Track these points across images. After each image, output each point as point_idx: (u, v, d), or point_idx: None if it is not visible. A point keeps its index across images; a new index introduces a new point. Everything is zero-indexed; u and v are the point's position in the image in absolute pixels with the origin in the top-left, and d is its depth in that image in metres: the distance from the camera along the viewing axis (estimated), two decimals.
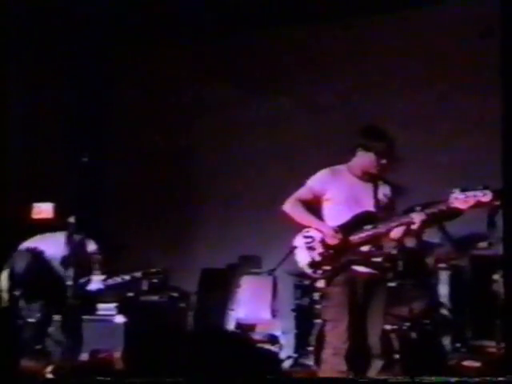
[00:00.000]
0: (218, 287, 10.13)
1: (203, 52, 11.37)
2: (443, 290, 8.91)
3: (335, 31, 10.73)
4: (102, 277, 8.42)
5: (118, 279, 8.45)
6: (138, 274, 8.45)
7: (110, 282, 8.44)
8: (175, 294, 9.14)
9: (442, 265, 8.99)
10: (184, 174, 11.07)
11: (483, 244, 8.56)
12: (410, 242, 8.68)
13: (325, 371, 7.22)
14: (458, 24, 10.03)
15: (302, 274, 7.65)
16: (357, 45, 10.70)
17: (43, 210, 9.58)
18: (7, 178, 9.69)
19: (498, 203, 7.64)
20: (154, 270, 8.54)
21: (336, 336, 7.19)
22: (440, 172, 9.08)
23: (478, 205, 7.00)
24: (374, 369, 7.29)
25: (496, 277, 8.58)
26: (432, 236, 8.82)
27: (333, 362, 7.15)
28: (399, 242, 7.88)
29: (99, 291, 8.41)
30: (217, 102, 11.15)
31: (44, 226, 9.18)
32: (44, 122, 11.05)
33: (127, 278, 8.42)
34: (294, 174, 7.64)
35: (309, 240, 7.33)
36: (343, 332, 7.14)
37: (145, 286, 8.68)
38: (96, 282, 8.43)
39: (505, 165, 8.54)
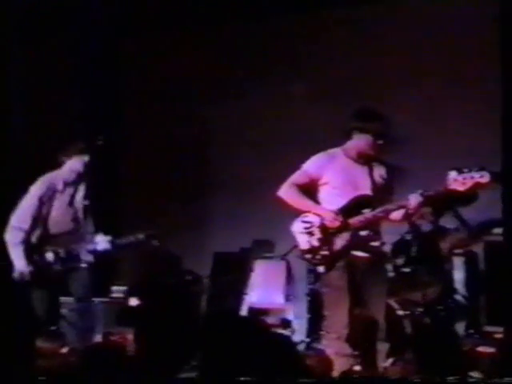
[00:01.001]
0: (232, 271, 10.22)
1: (215, 39, 11.45)
2: (457, 276, 8.97)
3: (342, 18, 10.81)
4: (108, 237, 8.45)
5: (124, 240, 8.47)
6: (142, 236, 8.43)
7: (118, 242, 8.46)
8: (189, 278, 9.25)
9: (456, 250, 9.05)
10: (199, 160, 11.15)
11: (498, 230, 8.63)
12: (425, 227, 8.75)
13: (330, 355, 7.31)
14: (461, 14, 10.08)
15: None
16: (363, 33, 10.77)
17: None
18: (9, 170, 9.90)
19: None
20: (155, 231, 8.56)
21: (338, 320, 7.30)
22: (444, 157, 9.11)
23: (477, 186, 7.07)
24: (380, 352, 7.42)
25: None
26: (447, 221, 8.85)
27: (336, 346, 7.28)
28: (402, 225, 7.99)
29: (106, 251, 8.42)
30: (230, 90, 11.21)
31: None
32: (58, 106, 11.13)
33: (132, 239, 8.43)
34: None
35: (307, 225, 7.41)
36: (344, 316, 7.26)
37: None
38: (103, 242, 8.44)
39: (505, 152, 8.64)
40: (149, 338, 6.85)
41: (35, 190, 8.39)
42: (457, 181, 7.07)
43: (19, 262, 8.21)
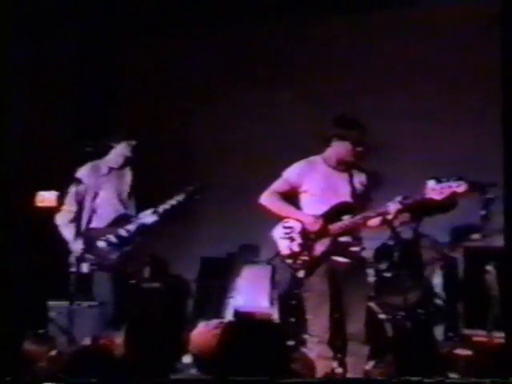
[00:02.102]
0: (218, 275, 10.29)
1: (208, 41, 11.50)
2: (437, 281, 9.10)
3: (335, 24, 10.87)
4: (149, 210, 8.62)
5: (166, 206, 8.61)
6: (182, 196, 8.60)
7: (160, 209, 8.59)
8: (174, 281, 9.39)
9: (436, 256, 9.20)
10: (186, 167, 11.15)
11: (476, 236, 8.75)
12: (407, 234, 8.85)
13: (312, 358, 7.49)
14: (460, 19, 10.14)
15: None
16: (357, 38, 10.83)
17: (46, 198, 9.75)
18: (10, 167, 9.81)
19: (490, 196, 7.94)
20: (192, 187, 8.69)
21: (319, 325, 7.48)
22: (424, 165, 9.24)
23: (453, 195, 7.26)
24: (359, 355, 7.61)
25: (489, 268, 8.69)
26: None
27: (318, 350, 7.46)
28: (381, 231, 8.08)
29: (155, 222, 8.62)
30: (219, 92, 11.28)
31: (46, 214, 9.25)
32: (47, 111, 11.07)
33: (173, 201, 8.59)
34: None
35: (288, 230, 7.57)
36: (325, 320, 7.41)
37: None
38: (147, 216, 8.63)
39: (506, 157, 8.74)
40: (136, 340, 6.98)
41: (81, 174, 8.70)
42: (434, 190, 7.24)
43: (72, 241, 8.54)
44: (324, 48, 10.92)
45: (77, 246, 8.47)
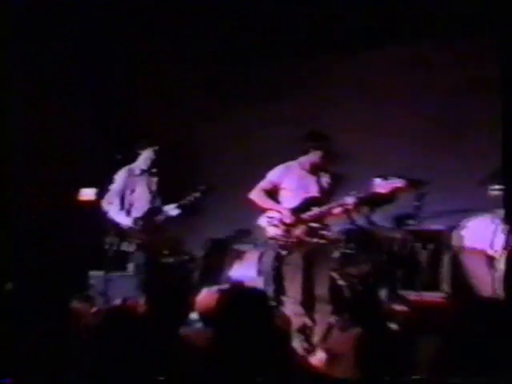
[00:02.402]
0: (219, 252, 10.27)
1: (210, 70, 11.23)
2: (383, 256, 9.12)
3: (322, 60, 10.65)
4: (173, 205, 8.77)
5: (184, 201, 8.79)
6: (197, 194, 8.76)
7: (181, 204, 8.77)
8: (186, 257, 9.42)
9: (382, 236, 9.20)
10: (194, 168, 11.02)
11: (412, 221, 8.73)
12: (360, 220, 8.82)
13: (289, 315, 7.55)
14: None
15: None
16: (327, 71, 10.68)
17: (87, 193, 9.78)
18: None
19: (421, 191, 7.99)
20: (205, 187, 8.84)
21: (294, 290, 7.61)
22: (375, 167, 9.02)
23: (396, 190, 7.40)
24: (324, 312, 7.71)
25: (420, 244, 8.97)
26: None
27: (293, 308, 7.59)
28: (342, 219, 8.15)
29: (178, 215, 8.79)
30: (221, 111, 11.12)
31: (87, 207, 9.46)
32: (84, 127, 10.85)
33: (191, 198, 8.76)
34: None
35: (271, 219, 7.69)
36: (299, 286, 7.56)
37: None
38: (172, 209, 8.79)
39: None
40: (155, 302, 7.00)
41: (119, 176, 8.84)
42: (380, 186, 7.39)
43: (123, 220, 8.74)
44: (312, 80, 10.77)
45: (128, 222, 8.69)
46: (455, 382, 3.38)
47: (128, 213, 8.80)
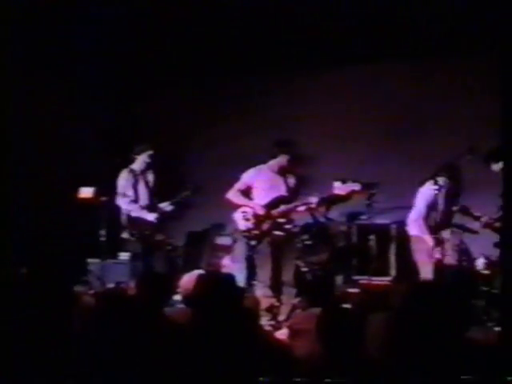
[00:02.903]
0: (198, 243, 10.26)
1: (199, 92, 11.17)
2: (339, 245, 9.14)
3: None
4: (167, 202, 8.72)
5: (176, 199, 8.75)
6: (188, 193, 8.76)
7: (173, 201, 8.73)
8: (169, 247, 9.37)
9: (339, 230, 9.21)
10: (185, 170, 10.87)
11: (364, 217, 8.69)
12: (320, 217, 8.89)
13: (257, 295, 7.57)
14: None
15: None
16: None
17: (86, 191, 9.60)
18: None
19: (372, 191, 7.98)
20: (194, 186, 8.81)
21: (263, 275, 7.63)
22: (336, 171, 8.95)
23: (352, 192, 7.40)
24: (290, 294, 7.71)
25: (371, 237, 8.97)
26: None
27: (262, 291, 7.60)
28: (305, 215, 8.22)
29: (171, 210, 8.75)
30: (207, 123, 10.97)
31: (86, 203, 9.28)
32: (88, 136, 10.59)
33: (182, 196, 8.74)
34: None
35: (244, 214, 7.69)
36: (268, 272, 7.56)
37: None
38: (167, 206, 8.73)
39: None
40: (144, 285, 6.96)
41: (123, 176, 8.74)
42: (340, 188, 7.39)
43: (146, 216, 8.65)
44: (282, 93, 10.72)
45: (151, 218, 8.66)
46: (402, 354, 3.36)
47: (136, 205, 8.73)
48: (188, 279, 7.86)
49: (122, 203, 8.72)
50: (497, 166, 7.48)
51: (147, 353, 3.87)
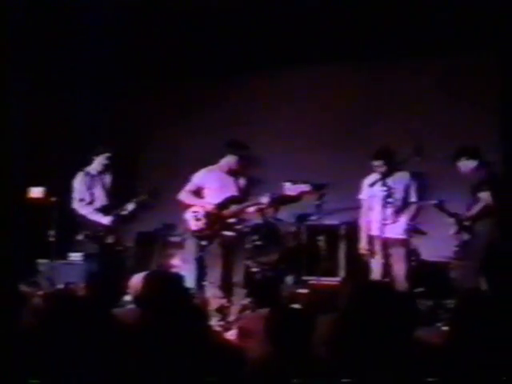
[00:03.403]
0: (149, 243, 10.19)
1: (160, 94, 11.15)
2: (289, 246, 9.21)
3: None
4: (132, 204, 8.63)
5: (137, 200, 8.65)
6: (145, 197, 8.66)
7: (135, 201, 8.64)
8: (120, 248, 9.31)
9: (288, 231, 9.24)
10: (142, 173, 11.01)
11: (314, 217, 8.74)
12: (270, 218, 8.92)
13: (207, 296, 7.63)
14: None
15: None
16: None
17: (36, 191, 9.57)
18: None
19: (321, 192, 8.03)
20: (152, 188, 8.79)
21: (214, 275, 7.60)
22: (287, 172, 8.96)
23: (302, 193, 7.45)
24: (239, 295, 7.72)
25: (320, 237, 9.03)
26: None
27: (212, 291, 7.59)
28: (255, 215, 8.24)
29: (129, 213, 8.67)
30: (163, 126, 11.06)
31: (35, 203, 9.27)
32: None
33: (140, 199, 8.64)
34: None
35: (195, 214, 7.67)
36: (218, 273, 7.54)
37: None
38: (124, 209, 8.63)
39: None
40: (94, 285, 6.93)
41: (79, 178, 8.64)
42: (290, 189, 7.42)
43: (100, 219, 8.55)
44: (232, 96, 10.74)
45: (105, 221, 8.58)
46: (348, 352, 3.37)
47: (90, 208, 8.65)
48: (137, 280, 7.91)
49: (77, 205, 8.64)
50: (464, 165, 7.61)
51: (96, 354, 3.84)
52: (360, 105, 10.07)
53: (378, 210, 7.89)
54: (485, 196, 7.40)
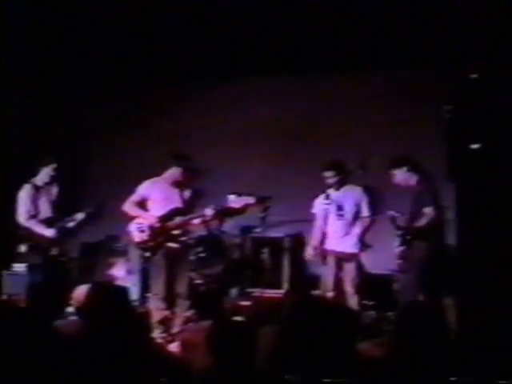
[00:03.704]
0: (93, 255, 10.01)
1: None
2: (232, 258, 9.22)
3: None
4: (73, 216, 8.46)
5: (81, 215, 8.46)
6: (91, 210, 8.48)
7: (78, 217, 8.46)
8: (64, 258, 9.21)
9: (232, 243, 9.27)
10: (88, 185, 10.83)
11: (258, 230, 8.80)
12: (215, 230, 8.90)
13: (151, 307, 7.61)
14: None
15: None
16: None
17: None
18: None
19: (266, 205, 8.08)
20: (100, 202, 8.61)
21: (157, 286, 7.58)
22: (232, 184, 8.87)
23: (247, 205, 7.49)
24: (183, 307, 7.72)
25: (264, 250, 9.09)
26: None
27: (155, 303, 7.58)
28: (200, 227, 8.24)
29: (74, 226, 8.50)
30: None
31: None
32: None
33: (87, 212, 8.45)
34: None
35: (139, 226, 7.66)
36: (161, 284, 7.52)
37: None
38: (70, 221, 8.46)
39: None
40: (36, 298, 6.87)
41: (24, 190, 8.45)
42: (234, 201, 7.46)
43: (44, 231, 8.36)
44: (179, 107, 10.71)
45: (50, 233, 8.41)
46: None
47: (35, 220, 8.54)
48: (81, 291, 7.86)
49: (22, 218, 8.54)
50: (399, 172, 7.66)
51: (38, 365, 3.80)
52: (305, 117, 10.12)
53: (329, 224, 8.03)
54: (428, 211, 7.49)
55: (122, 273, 9.48)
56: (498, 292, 7.23)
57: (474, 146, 8.03)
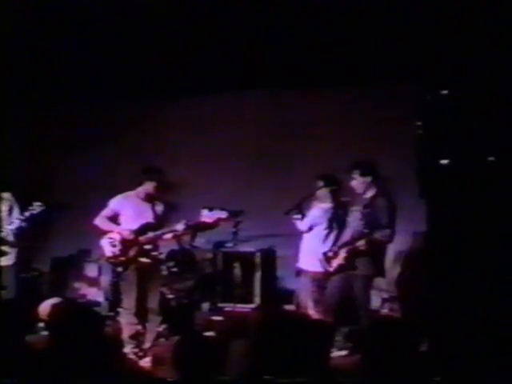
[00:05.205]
0: (64, 269, 10.03)
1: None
2: (204, 273, 9.27)
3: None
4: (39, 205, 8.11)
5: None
6: (34, 209, 8.13)
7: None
8: (36, 273, 9.16)
9: (204, 258, 9.31)
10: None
11: (230, 244, 8.86)
12: (186, 244, 8.90)
13: (122, 324, 7.57)
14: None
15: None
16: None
17: None
18: None
19: (237, 219, 8.09)
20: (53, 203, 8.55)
21: (129, 301, 7.54)
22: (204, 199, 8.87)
23: (219, 220, 7.50)
24: (155, 322, 7.70)
25: (235, 264, 9.08)
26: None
27: (127, 318, 7.53)
28: (172, 242, 8.25)
29: (39, 213, 8.19)
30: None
31: None
32: None
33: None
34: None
35: (111, 240, 7.63)
36: (133, 299, 7.48)
37: None
38: (38, 208, 8.15)
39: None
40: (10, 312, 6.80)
41: None
42: (207, 216, 7.46)
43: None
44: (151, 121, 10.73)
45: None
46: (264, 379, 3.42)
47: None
48: (45, 306, 7.82)
49: None
50: (359, 178, 7.56)
51: (10, 380, 3.81)
52: (276, 131, 10.18)
53: (304, 241, 8.08)
54: (378, 236, 7.35)
55: (92, 287, 9.49)
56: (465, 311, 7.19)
57: (444, 162, 8.03)
